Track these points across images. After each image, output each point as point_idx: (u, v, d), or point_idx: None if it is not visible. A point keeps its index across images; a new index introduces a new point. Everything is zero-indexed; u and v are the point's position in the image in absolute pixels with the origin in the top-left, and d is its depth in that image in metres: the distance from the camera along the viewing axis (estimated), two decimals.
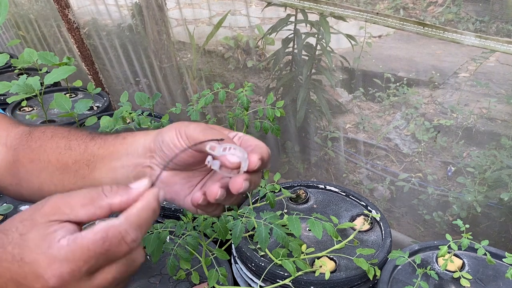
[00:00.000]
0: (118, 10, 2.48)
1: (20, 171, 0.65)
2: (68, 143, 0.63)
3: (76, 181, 0.61)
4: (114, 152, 0.60)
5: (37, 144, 0.65)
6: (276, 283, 1.06)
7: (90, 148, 0.61)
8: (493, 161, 1.51)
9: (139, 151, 0.58)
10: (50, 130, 0.66)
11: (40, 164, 0.63)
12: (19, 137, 0.67)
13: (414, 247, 1.16)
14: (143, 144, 0.58)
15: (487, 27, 1.49)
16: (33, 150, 0.64)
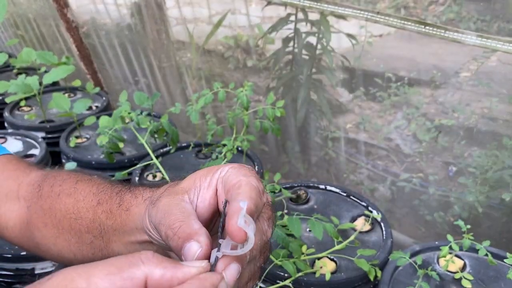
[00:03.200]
0: (117, 9, 2.48)
1: (35, 235, 0.59)
2: (76, 205, 0.56)
3: (94, 253, 0.55)
4: (122, 225, 0.52)
5: (47, 205, 0.58)
6: (276, 284, 1.05)
7: (99, 216, 0.55)
8: (495, 161, 1.50)
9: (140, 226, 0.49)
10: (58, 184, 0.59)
11: (54, 229, 0.57)
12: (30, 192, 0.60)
13: (415, 248, 1.15)
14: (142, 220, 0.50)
15: (488, 27, 1.48)
16: (45, 212, 0.58)
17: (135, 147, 1.71)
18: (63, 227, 0.57)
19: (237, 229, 0.37)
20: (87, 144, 1.75)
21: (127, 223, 0.51)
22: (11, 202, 0.61)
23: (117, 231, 0.52)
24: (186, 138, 2.50)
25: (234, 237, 0.37)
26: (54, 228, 0.57)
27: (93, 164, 1.59)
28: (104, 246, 0.54)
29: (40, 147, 1.69)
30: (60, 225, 0.57)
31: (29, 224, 0.59)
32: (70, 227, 0.56)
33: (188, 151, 1.65)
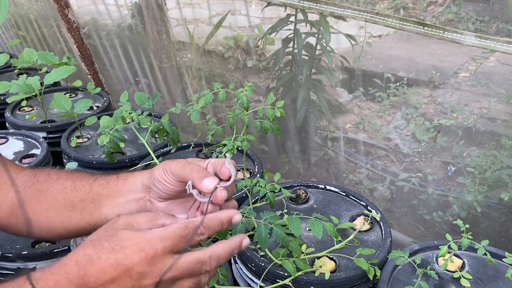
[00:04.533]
0: (118, 10, 2.48)
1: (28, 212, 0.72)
2: (73, 184, 0.73)
3: (82, 217, 0.71)
4: (117, 191, 0.71)
5: (44, 186, 0.73)
6: (276, 283, 1.06)
7: (95, 188, 0.71)
8: (493, 161, 1.51)
9: (139, 187, 0.70)
10: (54, 172, 0.75)
11: (48, 204, 0.72)
12: (25, 180, 0.75)
13: (414, 247, 1.16)
14: (141, 181, 0.70)
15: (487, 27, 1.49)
16: (40, 191, 0.73)
17: (135, 147, 1.72)
18: (58, 200, 0.71)
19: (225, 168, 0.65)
20: (88, 144, 1.75)
21: (121, 189, 0.70)
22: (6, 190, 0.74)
23: (110, 197, 0.70)
24: (186, 138, 2.51)
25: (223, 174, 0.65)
26: (48, 203, 0.72)
27: (94, 164, 1.59)
28: (94, 210, 0.70)
29: (41, 147, 1.70)
30: (56, 199, 0.71)
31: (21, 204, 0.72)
32: (64, 200, 0.71)
33: (188, 151, 1.66)
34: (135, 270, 0.54)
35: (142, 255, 0.54)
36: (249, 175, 1.48)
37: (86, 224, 0.71)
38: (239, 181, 1.18)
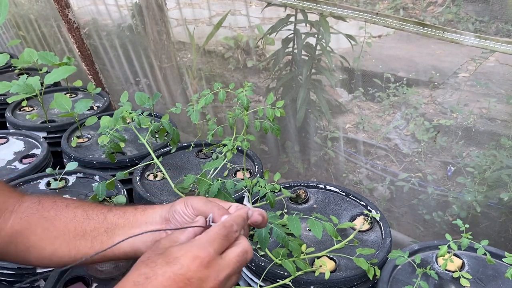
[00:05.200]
0: (118, 10, 2.49)
1: (30, 239, 0.71)
2: (85, 212, 0.72)
3: (93, 246, 0.70)
4: (134, 221, 0.72)
5: (52, 214, 0.72)
6: (276, 283, 1.06)
7: (110, 218, 0.72)
8: (493, 161, 1.51)
9: (157, 219, 0.71)
10: (61, 200, 0.75)
11: (56, 231, 0.71)
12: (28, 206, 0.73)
13: (414, 247, 1.16)
14: (160, 214, 0.72)
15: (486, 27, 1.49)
16: (47, 219, 0.71)
17: (136, 147, 1.72)
18: (68, 228, 0.70)
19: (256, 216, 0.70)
20: (89, 144, 1.76)
21: (139, 220, 0.71)
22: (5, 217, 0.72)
23: (125, 227, 0.71)
24: (186, 138, 2.51)
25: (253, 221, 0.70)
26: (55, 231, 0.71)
27: (95, 164, 1.60)
28: (107, 239, 0.70)
29: (41, 147, 1.70)
30: (66, 227, 0.71)
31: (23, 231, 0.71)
32: (75, 228, 0.70)
33: (188, 151, 1.66)
34: (194, 277, 0.55)
35: (198, 261, 0.55)
36: (249, 175, 1.48)
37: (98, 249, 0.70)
38: (239, 181, 1.18)
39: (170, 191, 1.42)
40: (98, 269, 1.12)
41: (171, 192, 1.39)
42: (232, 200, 1.11)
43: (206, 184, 1.07)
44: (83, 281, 1.13)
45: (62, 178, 1.52)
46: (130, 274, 0.56)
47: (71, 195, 1.45)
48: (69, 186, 1.49)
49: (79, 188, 1.48)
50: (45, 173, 1.51)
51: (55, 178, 1.51)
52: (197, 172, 1.47)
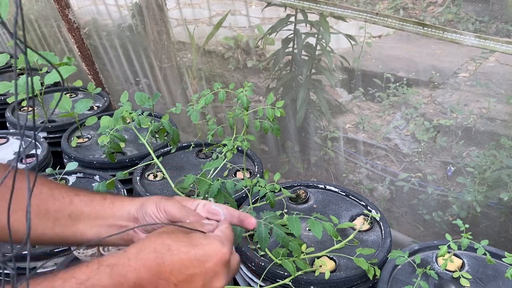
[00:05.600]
0: (118, 10, 2.49)
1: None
2: (51, 191, 0.69)
3: (53, 227, 0.68)
4: (101, 212, 0.70)
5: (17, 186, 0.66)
6: (276, 282, 1.06)
7: (76, 203, 0.69)
8: (493, 161, 1.51)
9: (125, 216, 0.69)
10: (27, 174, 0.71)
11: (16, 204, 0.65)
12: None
13: (414, 247, 1.16)
14: (129, 211, 0.70)
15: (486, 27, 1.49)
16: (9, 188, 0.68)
17: (136, 147, 1.72)
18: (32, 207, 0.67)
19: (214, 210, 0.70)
20: (89, 144, 1.76)
21: (106, 212, 0.69)
22: None
23: (91, 216, 0.69)
24: (186, 138, 2.51)
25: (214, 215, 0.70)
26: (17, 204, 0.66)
27: (95, 164, 1.60)
28: (70, 224, 0.69)
29: (41, 147, 1.70)
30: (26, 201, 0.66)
31: None
32: (37, 206, 0.68)
33: (188, 151, 1.66)
34: (211, 269, 0.55)
35: (220, 255, 0.56)
36: (249, 175, 1.48)
37: (54, 235, 0.69)
38: (239, 180, 1.18)
39: (170, 191, 1.42)
40: None
41: (171, 192, 1.39)
42: (232, 200, 1.11)
43: (206, 184, 1.07)
44: None
45: (62, 178, 1.52)
46: (151, 240, 0.55)
47: None
48: (69, 185, 1.49)
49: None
50: (45, 173, 1.51)
51: (55, 178, 1.51)
52: (197, 172, 1.47)
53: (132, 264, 0.52)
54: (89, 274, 0.51)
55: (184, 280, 0.53)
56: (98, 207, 0.70)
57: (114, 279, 0.51)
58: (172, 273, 0.53)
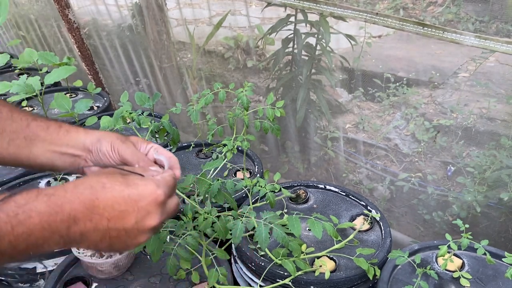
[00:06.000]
0: (118, 10, 2.49)
1: None
2: (11, 113, 0.72)
3: (7, 147, 0.71)
4: (56, 139, 0.72)
5: None
6: (276, 282, 1.06)
7: (33, 127, 0.72)
8: (493, 161, 1.51)
9: (79, 146, 0.73)
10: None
11: None
12: None
13: (414, 247, 1.16)
14: (84, 142, 0.73)
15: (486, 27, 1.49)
16: None
17: None
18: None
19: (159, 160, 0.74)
20: None
21: (61, 139, 0.72)
22: None
23: (46, 142, 0.72)
24: (186, 138, 2.51)
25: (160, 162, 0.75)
26: None
27: None
28: (24, 146, 0.71)
29: None
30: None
31: None
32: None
33: (188, 151, 1.66)
34: (144, 208, 0.58)
35: (154, 196, 0.59)
36: (249, 175, 1.48)
37: (7, 155, 0.71)
38: (239, 180, 1.18)
39: None
40: (98, 269, 1.12)
41: None
42: (232, 200, 1.11)
43: (206, 184, 1.07)
44: (83, 281, 1.13)
45: (62, 178, 1.52)
46: (90, 177, 0.59)
47: None
48: None
49: None
50: (45, 173, 1.51)
51: (55, 178, 1.51)
52: (197, 172, 1.47)
53: (68, 196, 0.55)
54: (28, 199, 0.53)
55: (117, 216, 0.57)
56: (53, 134, 0.73)
57: (51, 208, 0.53)
58: (105, 209, 0.56)
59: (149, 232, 0.60)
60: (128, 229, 0.58)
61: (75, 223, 0.54)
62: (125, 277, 1.14)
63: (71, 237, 0.55)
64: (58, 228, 0.53)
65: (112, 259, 1.10)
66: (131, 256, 1.16)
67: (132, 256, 1.17)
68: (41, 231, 0.52)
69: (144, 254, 1.21)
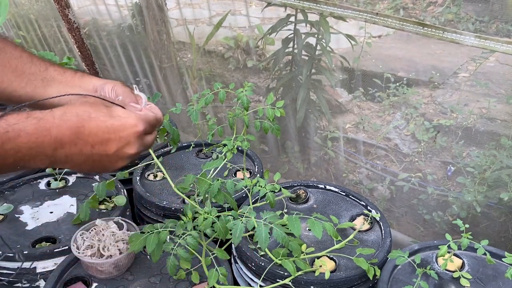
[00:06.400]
0: (118, 10, 2.49)
1: None
2: (31, 58, 0.79)
3: (25, 87, 0.77)
4: (71, 82, 0.80)
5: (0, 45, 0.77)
6: (276, 282, 1.06)
7: (51, 71, 0.80)
8: (493, 161, 1.51)
9: (90, 88, 0.81)
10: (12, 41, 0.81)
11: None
12: None
13: (414, 247, 1.16)
14: (94, 85, 0.81)
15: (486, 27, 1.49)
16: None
17: None
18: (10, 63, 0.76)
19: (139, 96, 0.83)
20: None
21: (75, 82, 0.81)
22: None
23: (62, 84, 0.79)
24: (186, 138, 2.51)
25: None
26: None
27: None
28: (41, 86, 0.78)
29: None
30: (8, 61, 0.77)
31: None
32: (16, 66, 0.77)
33: (188, 151, 1.66)
34: (125, 138, 0.65)
35: (134, 129, 0.67)
36: (249, 175, 1.48)
37: (24, 94, 0.77)
38: (239, 180, 1.18)
39: (170, 191, 1.42)
40: (98, 269, 1.12)
41: (171, 192, 1.39)
42: (232, 200, 1.11)
43: (206, 184, 1.07)
44: (83, 281, 1.13)
45: (62, 178, 1.52)
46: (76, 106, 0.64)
47: (71, 196, 1.45)
48: (69, 186, 1.49)
49: (79, 188, 1.48)
50: (45, 173, 1.51)
51: (55, 178, 1.51)
52: (197, 172, 1.47)
53: (56, 122, 0.60)
54: (18, 120, 0.58)
55: (100, 143, 0.63)
56: (69, 78, 0.80)
57: (39, 130, 0.58)
58: (90, 135, 0.62)
59: (127, 159, 0.68)
60: (110, 155, 0.65)
61: (61, 146, 0.60)
62: (125, 277, 1.14)
63: (56, 158, 0.61)
64: (44, 149, 0.58)
65: (112, 259, 1.10)
66: (131, 256, 1.16)
67: (132, 256, 1.17)
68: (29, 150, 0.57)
69: (144, 254, 1.21)
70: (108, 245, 1.13)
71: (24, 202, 1.41)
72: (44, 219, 1.34)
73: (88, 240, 1.13)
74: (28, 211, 1.37)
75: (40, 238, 1.26)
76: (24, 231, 1.29)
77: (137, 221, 1.48)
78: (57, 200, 1.42)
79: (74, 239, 1.14)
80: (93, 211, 1.34)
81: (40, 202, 1.42)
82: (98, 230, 1.17)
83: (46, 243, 1.26)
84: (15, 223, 1.32)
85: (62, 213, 1.37)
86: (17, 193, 1.46)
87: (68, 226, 1.31)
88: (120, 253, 1.12)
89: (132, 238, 1.02)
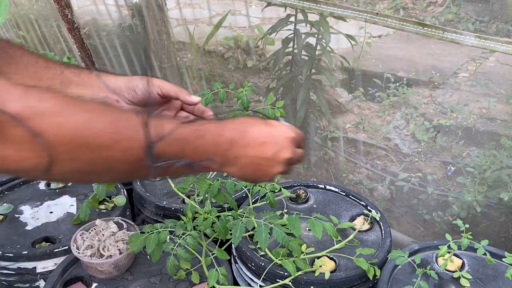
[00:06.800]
0: (118, 10, 2.49)
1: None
2: (46, 62, 0.79)
3: None
4: (88, 83, 0.80)
5: (18, 53, 0.78)
6: (276, 282, 1.06)
7: (67, 73, 0.79)
8: (493, 161, 1.51)
9: (110, 88, 0.80)
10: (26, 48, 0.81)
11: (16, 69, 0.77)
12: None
13: (414, 247, 1.16)
14: (115, 84, 0.80)
15: (486, 27, 1.49)
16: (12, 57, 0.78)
17: None
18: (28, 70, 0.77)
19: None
20: None
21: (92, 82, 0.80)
22: None
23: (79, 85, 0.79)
24: None
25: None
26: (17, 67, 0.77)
27: None
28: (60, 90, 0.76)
29: None
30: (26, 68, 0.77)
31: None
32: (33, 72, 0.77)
33: None
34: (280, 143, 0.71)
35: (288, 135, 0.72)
36: None
37: None
38: (239, 180, 1.18)
39: (170, 191, 1.41)
40: (98, 269, 1.12)
41: (171, 192, 1.39)
42: (232, 200, 1.11)
43: (206, 184, 1.07)
44: (82, 281, 1.13)
45: None
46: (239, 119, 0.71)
47: (71, 196, 1.45)
48: (69, 186, 1.49)
49: (79, 188, 1.48)
50: None
51: None
52: None
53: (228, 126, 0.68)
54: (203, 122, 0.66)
55: (259, 146, 0.69)
56: (85, 79, 0.80)
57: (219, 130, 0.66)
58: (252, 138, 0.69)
59: (283, 163, 0.71)
60: (268, 158, 0.70)
61: (232, 146, 0.66)
62: (125, 277, 1.14)
63: (227, 158, 0.67)
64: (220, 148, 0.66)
65: (112, 259, 1.10)
66: (131, 256, 1.16)
67: (132, 256, 1.17)
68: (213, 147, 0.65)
69: (144, 254, 1.21)
70: (108, 245, 1.13)
71: (24, 202, 1.41)
72: (44, 219, 1.34)
73: (88, 240, 1.13)
74: (28, 211, 1.37)
75: (40, 238, 1.26)
76: (24, 231, 1.29)
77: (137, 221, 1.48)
78: (57, 200, 1.42)
79: (74, 239, 1.14)
80: (93, 211, 1.34)
81: (40, 202, 1.42)
82: (98, 230, 1.17)
83: (46, 243, 1.26)
84: (15, 223, 1.32)
85: (62, 213, 1.37)
86: (17, 193, 1.46)
87: (68, 226, 1.31)
88: (120, 253, 1.12)
89: (132, 238, 1.02)
